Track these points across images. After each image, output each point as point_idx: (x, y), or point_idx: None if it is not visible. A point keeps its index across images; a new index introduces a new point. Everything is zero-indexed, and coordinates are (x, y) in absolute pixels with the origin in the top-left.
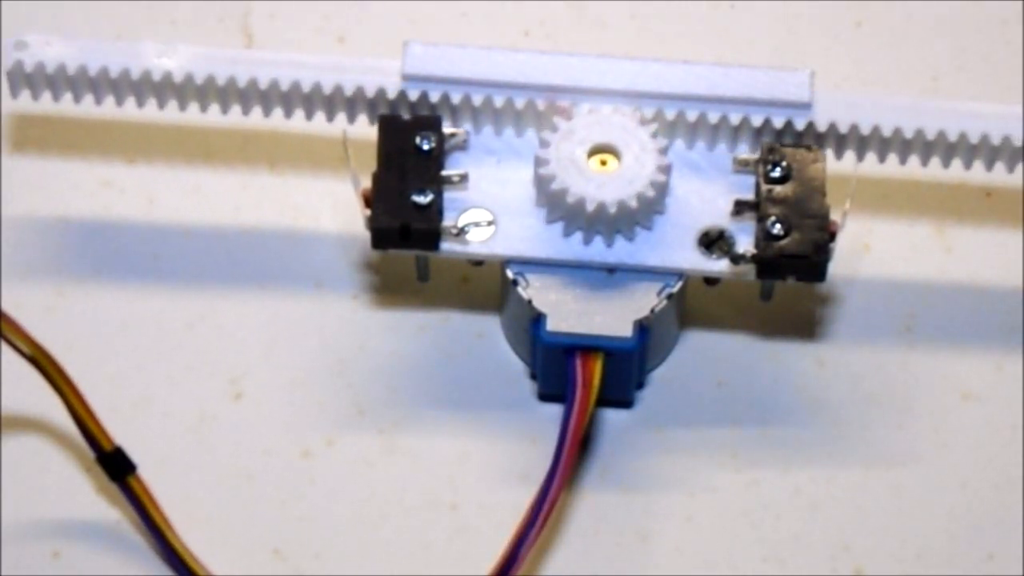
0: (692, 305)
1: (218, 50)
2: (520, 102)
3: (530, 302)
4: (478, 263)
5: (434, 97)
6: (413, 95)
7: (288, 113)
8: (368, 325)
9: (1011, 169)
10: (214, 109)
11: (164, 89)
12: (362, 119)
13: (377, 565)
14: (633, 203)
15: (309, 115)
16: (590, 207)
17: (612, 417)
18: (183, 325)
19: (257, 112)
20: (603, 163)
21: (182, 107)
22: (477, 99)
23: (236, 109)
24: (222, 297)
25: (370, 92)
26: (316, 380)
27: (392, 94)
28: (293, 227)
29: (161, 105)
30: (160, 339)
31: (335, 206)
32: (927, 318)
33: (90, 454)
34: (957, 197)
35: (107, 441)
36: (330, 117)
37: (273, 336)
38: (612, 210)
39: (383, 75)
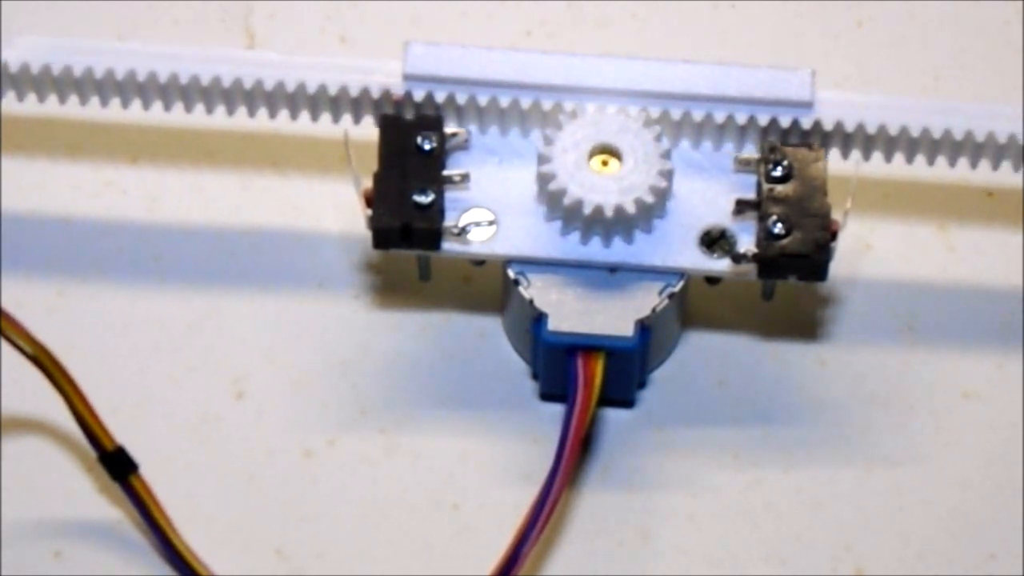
0: (693, 305)
1: (219, 50)
2: (522, 102)
3: (531, 302)
4: (479, 263)
5: (435, 97)
6: (414, 95)
7: (289, 113)
8: (370, 325)
9: (1013, 169)
10: (216, 109)
11: (163, 90)
12: (363, 119)
13: (379, 565)
14: (634, 205)
15: (310, 115)
16: (591, 209)
17: (613, 417)
18: (185, 325)
19: (259, 112)
20: (604, 164)
21: (173, 107)
22: (478, 99)
23: (237, 109)
24: (224, 297)
25: (371, 92)
26: (318, 380)
27: (393, 94)
28: (295, 227)
29: (168, 107)
30: (162, 339)
31: (337, 206)
32: (928, 318)
33: (92, 453)
34: (959, 197)
35: (109, 440)
36: (332, 117)
37: (275, 336)
38: (613, 212)
39: (384, 75)
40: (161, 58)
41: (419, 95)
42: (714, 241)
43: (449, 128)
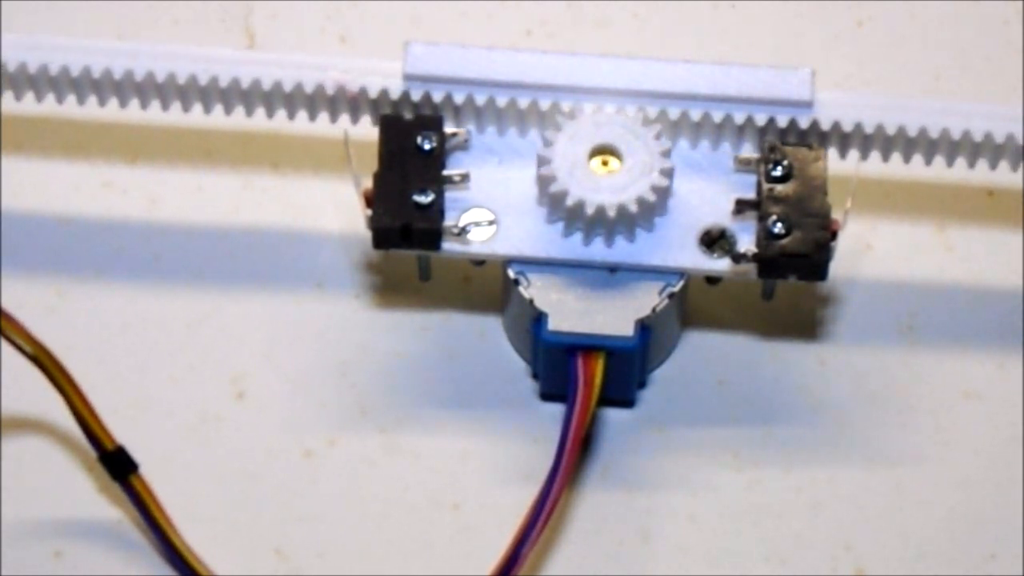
0: (693, 304)
1: (220, 50)
2: (521, 102)
3: (531, 302)
4: (479, 263)
5: (435, 97)
6: (414, 95)
7: (290, 113)
8: (370, 325)
9: (1013, 168)
10: (216, 109)
11: (166, 90)
12: (363, 119)
13: (379, 565)
14: (634, 206)
15: (311, 115)
16: (591, 209)
17: (614, 416)
18: (185, 325)
19: (259, 112)
20: (604, 164)
21: (185, 108)
22: (478, 99)
23: (238, 109)
24: (224, 297)
25: (371, 92)
26: (318, 380)
27: (393, 94)
28: (295, 227)
29: (165, 107)
30: (162, 339)
31: (337, 206)
32: (928, 317)
33: (92, 453)
34: (958, 197)
35: (109, 440)
36: (332, 117)
37: (275, 336)
38: (613, 212)
39: (384, 75)
40: (161, 58)
41: (419, 95)
42: (714, 241)
43: (449, 128)
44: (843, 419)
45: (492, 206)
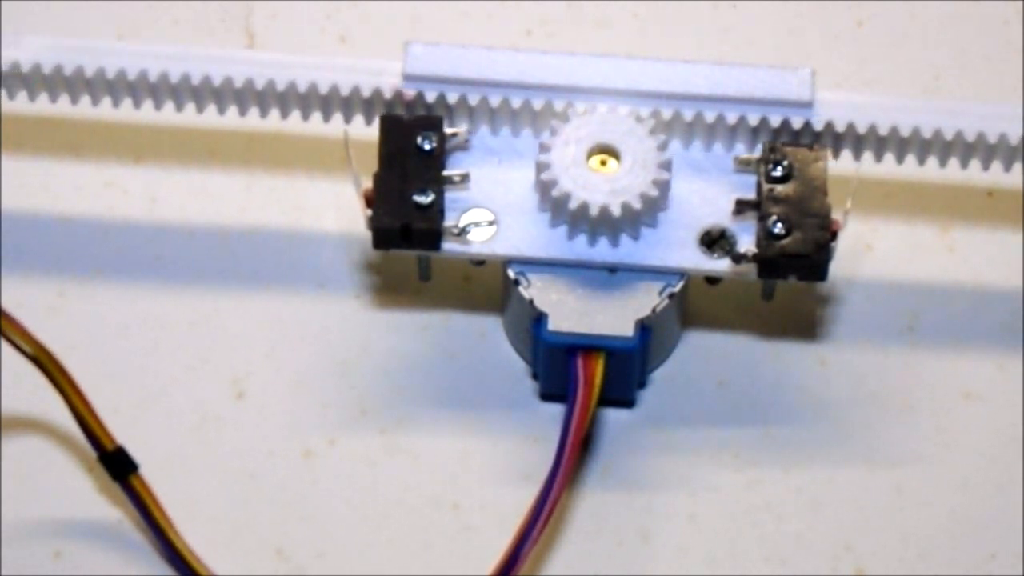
0: (693, 305)
1: (220, 50)
2: (521, 102)
3: (531, 302)
4: (479, 263)
5: (435, 97)
6: (414, 95)
7: (290, 114)
8: (370, 325)
9: (1006, 168)
10: (215, 110)
11: (167, 90)
12: (363, 119)
13: (379, 564)
14: (634, 204)
15: (311, 115)
16: (590, 209)
17: (614, 417)
18: (185, 325)
19: (258, 113)
20: (603, 163)
21: (173, 107)
22: (478, 99)
23: (237, 110)
24: (224, 297)
25: (371, 92)
26: (318, 380)
27: (393, 94)
28: (295, 228)
29: (166, 107)
30: (162, 339)
31: (337, 207)
32: (929, 318)
33: (92, 453)
34: (959, 197)
35: (109, 440)
36: (332, 117)
37: (275, 336)
38: (613, 212)
39: (385, 75)
40: (161, 58)
41: (419, 95)
42: (714, 241)
43: (449, 128)
44: (843, 419)
45: (492, 206)
